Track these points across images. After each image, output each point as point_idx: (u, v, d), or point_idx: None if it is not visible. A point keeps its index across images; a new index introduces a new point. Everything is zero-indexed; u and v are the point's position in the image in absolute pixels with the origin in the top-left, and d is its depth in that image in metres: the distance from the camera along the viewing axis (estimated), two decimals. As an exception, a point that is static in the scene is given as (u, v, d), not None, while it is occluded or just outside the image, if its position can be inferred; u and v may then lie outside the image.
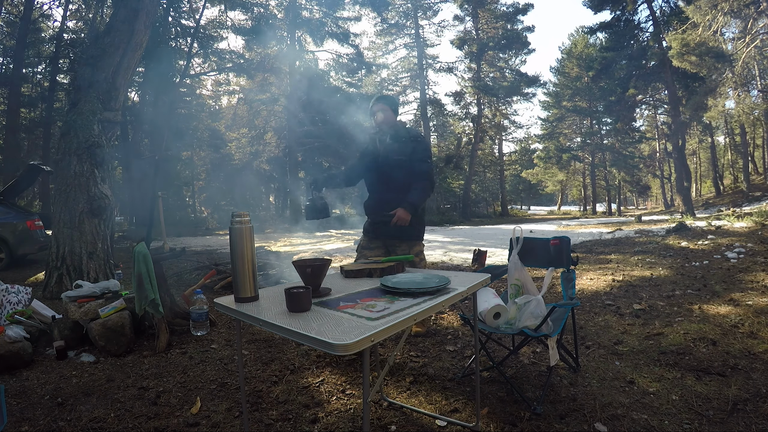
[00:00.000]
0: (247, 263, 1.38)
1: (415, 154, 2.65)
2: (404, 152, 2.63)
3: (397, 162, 2.62)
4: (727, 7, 13.05)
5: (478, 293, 2.04)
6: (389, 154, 2.64)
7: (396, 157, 2.62)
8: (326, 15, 20.94)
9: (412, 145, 2.66)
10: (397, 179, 2.64)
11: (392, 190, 2.66)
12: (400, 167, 2.63)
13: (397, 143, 2.66)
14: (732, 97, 17.81)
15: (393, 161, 2.63)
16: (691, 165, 30.47)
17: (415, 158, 2.65)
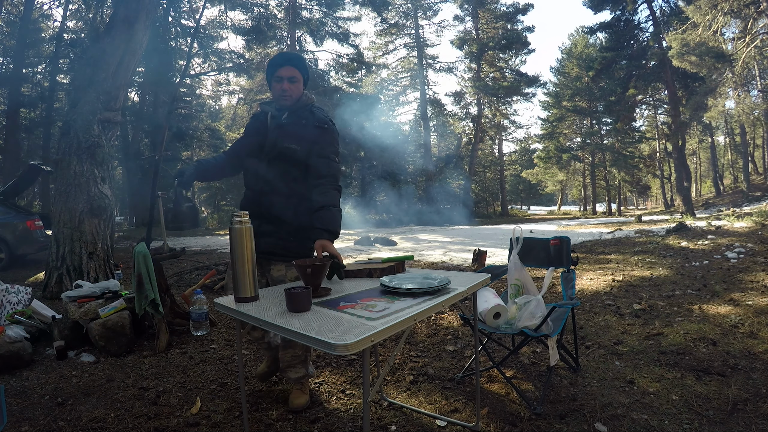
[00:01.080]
0: (247, 263, 1.38)
1: (317, 145, 1.87)
2: (303, 140, 1.86)
3: (289, 152, 1.85)
4: (727, 7, 13.05)
5: (478, 293, 2.04)
6: (281, 140, 1.87)
7: (288, 145, 1.85)
8: (326, 15, 20.96)
9: (315, 132, 1.87)
10: (284, 176, 1.88)
11: (275, 191, 1.89)
12: (291, 160, 1.86)
13: (296, 126, 1.89)
14: (732, 97, 17.80)
15: (283, 150, 1.86)
16: (691, 165, 30.47)
17: (316, 151, 1.86)
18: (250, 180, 1.98)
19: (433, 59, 28.54)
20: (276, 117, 1.94)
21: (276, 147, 1.88)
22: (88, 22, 17.24)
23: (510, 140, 37.57)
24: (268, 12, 19.19)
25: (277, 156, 1.88)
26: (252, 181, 1.96)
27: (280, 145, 1.87)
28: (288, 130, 1.89)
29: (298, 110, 1.93)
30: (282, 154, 1.87)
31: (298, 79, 1.92)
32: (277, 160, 1.88)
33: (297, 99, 1.94)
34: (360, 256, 8.20)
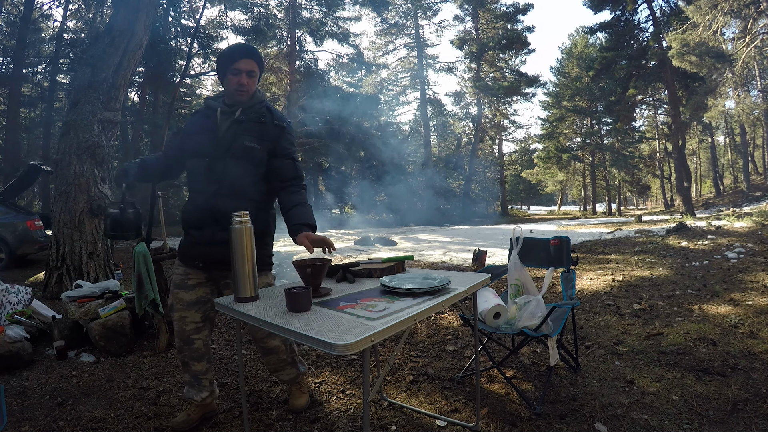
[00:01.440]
0: (247, 263, 1.38)
1: (279, 145, 1.75)
2: (263, 139, 1.73)
3: (248, 151, 1.71)
4: (727, 7, 13.05)
5: (478, 293, 2.04)
6: (239, 137, 1.71)
7: (249, 144, 1.71)
8: (326, 15, 20.97)
9: (276, 131, 1.76)
10: (243, 176, 1.71)
11: (233, 194, 1.69)
12: (250, 160, 1.71)
13: (254, 124, 1.73)
14: (732, 97, 17.81)
15: (242, 149, 1.70)
16: (691, 165, 30.47)
17: (279, 152, 1.75)
18: (198, 182, 1.73)
19: (433, 59, 28.57)
20: (227, 113, 1.74)
21: (234, 145, 1.70)
22: (88, 22, 17.25)
23: (510, 140, 37.64)
24: (268, 12, 19.20)
25: (235, 155, 1.69)
26: (202, 183, 1.72)
27: (239, 143, 1.70)
28: (246, 128, 1.72)
29: (253, 107, 1.76)
30: (240, 153, 1.70)
31: (256, 74, 1.75)
32: (234, 160, 1.69)
33: (252, 95, 1.77)
34: (360, 256, 8.20)
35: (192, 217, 1.75)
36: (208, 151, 1.71)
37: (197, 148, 1.74)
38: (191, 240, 1.77)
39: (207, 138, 1.73)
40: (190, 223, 1.77)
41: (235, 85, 1.70)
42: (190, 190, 1.79)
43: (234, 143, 1.70)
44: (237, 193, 1.70)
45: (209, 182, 1.70)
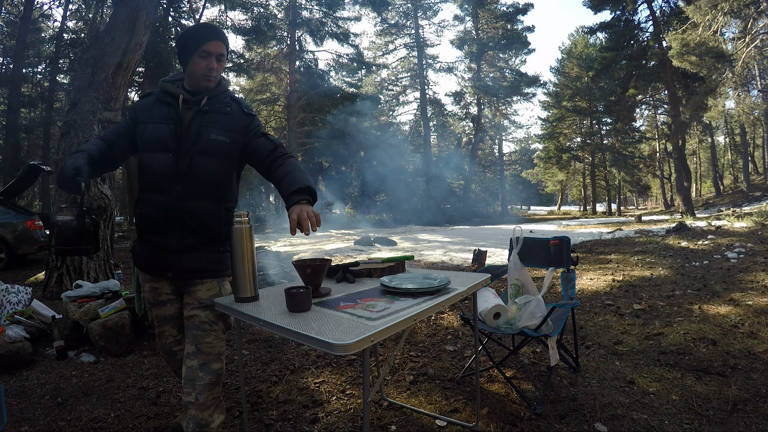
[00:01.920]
0: (247, 263, 1.38)
1: (250, 131, 1.59)
2: (231, 130, 1.54)
3: (217, 145, 1.51)
4: (727, 7, 13.05)
5: (478, 293, 2.04)
6: (206, 129, 1.50)
7: (217, 137, 1.51)
8: (326, 15, 20.96)
9: (245, 119, 1.59)
10: (211, 174, 1.51)
11: (200, 193, 1.51)
12: (218, 155, 1.52)
13: (220, 115, 1.54)
14: (732, 97, 17.82)
15: (210, 142, 1.50)
16: (691, 165, 30.47)
17: (252, 134, 1.59)
18: (160, 180, 1.48)
19: (433, 59, 28.57)
20: (190, 102, 1.52)
21: (200, 138, 1.49)
22: (88, 22, 17.25)
23: (510, 140, 37.65)
24: (268, 12, 19.20)
25: (203, 150, 1.49)
26: (163, 181, 1.48)
27: (206, 136, 1.50)
28: (212, 119, 1.52)
29: (218, 96, 1.56)
30: (208, 148, 1.50)
31: (224, 58, 1.54)
32: (201, 155, 1.49)
33: (218, 82, 1.56)
34: (360, 256, 8.20)
35: (152, 222, 1.50)
36: (172, 145, 1.48)
37: (157, 141, 1.48)
38: (154, 248, 1.53)
39: (169, 129, 1.48)
40: (150, 228, 1.52)
41: (203, 70, 1.48)
42: (147, 189, 1.51)
43: (200, 136, 1.49)
44: (206, 192, 1.51)
45: (174, 181, 1.47)
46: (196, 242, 1.52)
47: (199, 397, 1.44)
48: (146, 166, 1.50)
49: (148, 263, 1.57)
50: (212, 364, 1.50)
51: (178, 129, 1.49)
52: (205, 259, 1.54)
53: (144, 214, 1.52)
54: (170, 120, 1.50)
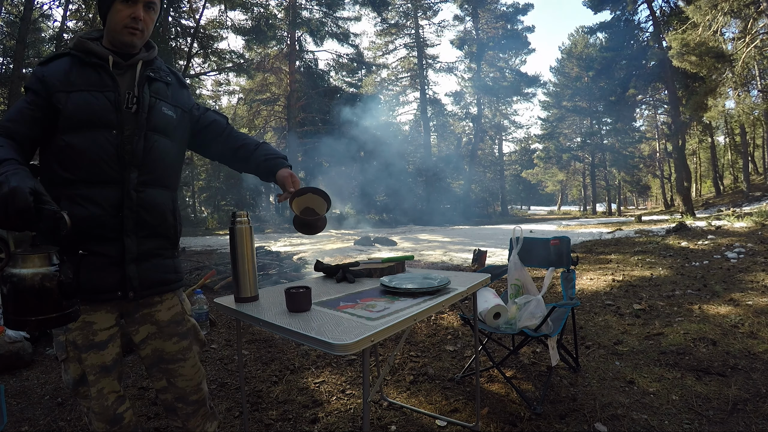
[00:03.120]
0: (248, 263, 1.38)
1: (193, 107, 1.36)
2: (177, 104, 1.28)
3: (167, 122, 1.24)
4: (727, 7, 13.05)
5: (478, 293, 2.04)
6: (156, 101, 1.21)
7: (167, 111, 1.24)
8: (326, 15, 20.99)
9: (186, 93, 1.36)
10: (166, 158, 1.24)
11: (156, 184, 1.22)
12: (169, 134, 1.25)
13: (164, 85, 1.26)
14: (732, 97, 17.82)
15: (162, 118, 1.22)
16: (691, 165, 30.46)
17: (199, 111, 1.38)
18: (101, 167, 1.11)
19: (433, 59, 28.57)
20: (121, 66, 1.17)
21: (153, 112, 1.19)
22: (88, 22, 17.26)
23: (510, 140, 37.65)
24: (268, 12, 19.19)
25: (155, 127, 1.19)
26: (109, 168, 1.12)
27: (159, 109, 1.20)
28: (158, 90, 1.23)
29: (155, 62, 1.26)
30: (161, 125, 1.21)
31: (155, 8, 1.19)
32: (153, 133, 1.19)
33: (146, 42, 1.23)
34: (360, 256, 8.20)
35: (99, 226, 1.10)
36: (115, 120, 1.12)
37: (92, 115, 1.10)
38: (100, 263, 1.11)
39: (107, 99, 1.12)
40: (95, 236, 1.11)
41: (125, 20, 1.12)
42: (83, 181, 1.10)
43: (153, 109, 1.19)
44: (162, 180, 1.23)
45: (123, 166, 1.13)
46: (156, 245, 1.23)
47: (186, 423, 1.30)
48: (78, 150, 1.09)
49: (89, 284, 1.09)
50: (191, 395, 1.29)
51: (117, 99, 1.13)
52: (167, 267, 1.26)
53: (84, 217, 1.08)
54: (105, 87, 1.13)
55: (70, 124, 1.10)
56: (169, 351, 1.26)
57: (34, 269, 0.87)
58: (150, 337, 1.26)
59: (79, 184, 1.10)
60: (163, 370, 1.27)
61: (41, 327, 0.88)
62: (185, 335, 1.29)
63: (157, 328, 1.25)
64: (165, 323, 1.26)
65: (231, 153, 1.40)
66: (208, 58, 18.86)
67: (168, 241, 1.27)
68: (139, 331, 1.25)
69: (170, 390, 1.28)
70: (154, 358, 1.26)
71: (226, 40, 23.80)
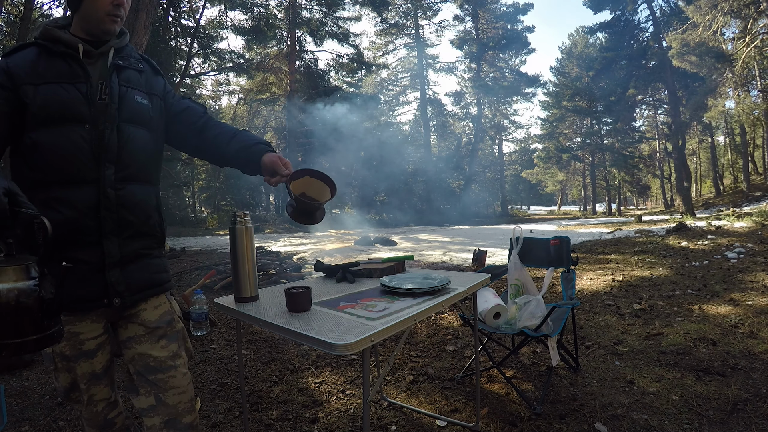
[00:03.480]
0: (247, 263, 1.38)
1: (168, 95, 1.27)
2: (152, 92, 1.20)
3: (141, 112, 1.15)
4: (727, 7, 13.06)
5: (478, 293, 2.04)
6: (128, 90, 1.13)
7: (141, 100, 1.15)
8: (326, 15, 20.97)
9: (161, 81, 1.27)
10: (142, 150, 1.15)
11: (135, 179, 1.14)
12: (145, 124, 1.16)
13: (136, 72, 1.18)
14: (732, 97, 17.82)
15: (135, 108, 1.14)
16: (691, 165, 30.48)
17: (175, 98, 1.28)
18: (76, 165, 1.03)
19: (433, 59, 28.58)
20: (92, 55, 1.09)
21: (125, 102, 1.11)
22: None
23: (510, 140, 37.66)
24: (268, 12, 19.19)
25: (129, 117, 1.11)
26: (84, 166, 1.04)
27: (130, 98, 1.12)
28: (130, 77, 1.15)
29: (126, 48, 1.17)
30: (135, 115, 1.13)
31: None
32: (128, 125, 1.11)
33: (122, 31, 1.17)
34: (360, 256, 8.20)
35: (76, 230, 1.02)
36: (87, 114, 1.04)
37: (63, 109, 1.02)
38: (81, 269, 1.03)
39: (78, 92, 1.04)
40: (73, 241, 1.02)
41: (107, 7, 1.06)
42: (57, 182, 1.02)
43: (124, 100, 1.11)
44: (141, 175, 1.15)
45: (99, 163, 1.05)
46: (141, 245, 1.14)
47: None
48: (49, 148, 1.01)
49: (70, 296, 1.01)
50: (183, 417, 1.13)
51: (89, 91, 1.05)
52: (153, 267, 1.17)
53: (60, 222, 0.97)
54: (76, 78, 1.05)
55: (39, 119, 1.01)
56: (157, 356, 1.12)
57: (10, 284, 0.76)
58: (136, 339, 1.13)
59: (52, 186, 1.02)
60: (150, 382, 1.11)
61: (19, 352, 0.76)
62: (174, 338, 1.17)
63: (144, 329, 1.14)
64: (152, 324, 1.15)
65: (207, 144, 1.27)
66: (208, 58, 18.86)
67: (154, 240, 1.19)
68: (127, 327, 1.15)
69: (159, 410, 1.10)
70: (139, 365, 1.12)
71: (226, 40, 23.83)
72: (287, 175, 1.22)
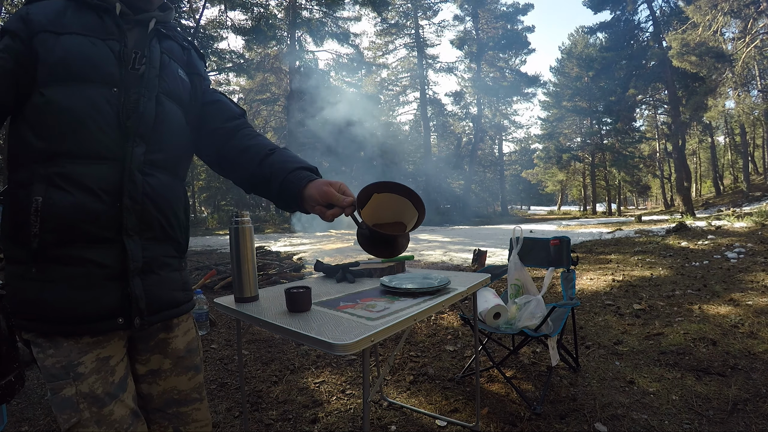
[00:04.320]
0: (247, 263, 1.38)
1: (205, 82, 1.06)
2: (192, 71, 1.01)
3: (183, 89, 0.97)
4: (727, 7, 13.06)
5: (478, 293, 2.04)
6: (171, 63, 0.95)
7: (183, 77, 0.98)
8: (326, 15, 20.98)
9: (201, 63, 1.08)
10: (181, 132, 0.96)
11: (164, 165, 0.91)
12: (183, 103, 0.97)
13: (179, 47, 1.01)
14: (732, 97, 17.84)
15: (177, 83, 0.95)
16: (691, 165, 30.50)
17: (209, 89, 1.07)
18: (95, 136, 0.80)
19: (433, 59, 28.59)
20: (130, 19, 0.89)
21: (167, 72, 0.92)
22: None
23: (510, 140, 37.70)
24: (268, 12, 19.19)
25: (169, 91, 0.92)
26: (106, 138, 0.81)
27: (173, 70, 0.94)
28: (172, 49, 0.97)
29: (169, 21, 0.99)
30: (175, 90, 0.94)
31: None
32: (168, 99, 0.91)
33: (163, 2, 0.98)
34: (360, 256, 8.20)
35: (87, 221, 0.79)
36: (117, 76, 0.84)
37: (87, 65, 0.81)
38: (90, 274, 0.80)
39: (109, 49, 0.84)
40: (81, 235, 0.79)
41: None
42: (64, 152, 0.79)
43: (167, 69, 0.92)
44: (174, 163, 0.94)
45: (125, 138, 0.83)
46: (163, 252, 0.91)
47: None
48: (64, 109, 0.79)
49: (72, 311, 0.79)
50: None
51: (123, 52, 0.85)
52: (176, 282, 0.95)
53: (68, 206, 0.77)
54: (109, 34, 0.85)
55: (57, 74, 0.79)
56: (183, 389, 0.97)
57: None
58: (161, 373, 0.94)
59: (61, 159, 0.78)
60: (171, 415, 0.95)
61: None
62: (199, 368, 1.02)
63: (171, 361, 0.95)
64: (181, 353, 0.97)
65: (233, 155, 1.00)
66: (208, 58, 18.86)
67: (177, 248, 0.96)
68: (150, 360, 0.93)
69: None
70: (163, 400, 0.94)
71: (226, 40, 23.80)
72: (351, 203, 0.90)
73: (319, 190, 0.90)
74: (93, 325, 0.80)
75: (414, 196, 0.95)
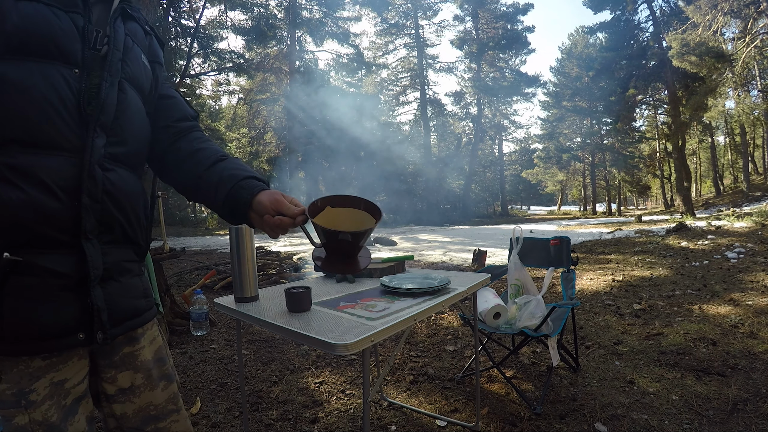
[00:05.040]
0: (248, 263, 1.38)
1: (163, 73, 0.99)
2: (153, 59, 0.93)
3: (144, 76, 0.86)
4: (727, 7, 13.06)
5: (478, 293, 2.04)
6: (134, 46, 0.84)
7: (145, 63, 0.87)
8: (326, 15, 20.97)
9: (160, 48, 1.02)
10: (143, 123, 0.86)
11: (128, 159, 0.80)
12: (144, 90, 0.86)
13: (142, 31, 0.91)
14: (732, 97, 17.85)
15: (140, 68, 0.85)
16: (691, 165, 30.48)
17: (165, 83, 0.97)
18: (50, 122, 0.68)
19: (433, 59, 28.58)
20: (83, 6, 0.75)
21: (130, 56, 0.82)
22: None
23: (510, 140, 37.71)
24: (268, 12, 19.20)
25: (132, 76, 0.82)
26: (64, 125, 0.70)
27: (136, 54, 0.85)
28: (136, 32, 0.88)
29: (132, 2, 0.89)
30: (138, 75, 0.84)
31: None
32: (130, 85, 0.82)
33: None
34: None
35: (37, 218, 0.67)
36: (77, 54, 0.73)
37: (47, 38, 0.69)
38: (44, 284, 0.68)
39: (71, 23, 0.73)
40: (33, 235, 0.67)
41: None
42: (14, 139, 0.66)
43: (131, 52, 0.83)
44: (135, 159, 0.84)
45: (85, 128, 0.72)
46: (122, 256, 0.82)
47: None
48: (15, 87, 0.66)
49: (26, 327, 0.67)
50: None
51: (87, 28, 0.74)
52: (137, 289, 0.86)
53: (18, 204, 0.65)
54: (72, 6, 0.73)
55: (10, 45, 0.66)
56: (158, 403, 0.88)
57: None
58: (135, 390, 0.85)
59: (10, 148, 0.66)
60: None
61: None
62: (171, 377, 0.92)
63: (143, 375, 0.86)
64: (150, 364, 0.87)
65: (179, 159, 0.90)
66: (208, 58, 18.85)
67: (137, 251, 0.87)
68: (118, 378, 0.83)
69: None
70: (140, 418, 0.85)
71: (226, 40, 23.77)
72: (302, 212, 0.81)
73: (271, 198, 0.81)
74: (49, 343, 0.69)
75: (370, 205, 0.90)
